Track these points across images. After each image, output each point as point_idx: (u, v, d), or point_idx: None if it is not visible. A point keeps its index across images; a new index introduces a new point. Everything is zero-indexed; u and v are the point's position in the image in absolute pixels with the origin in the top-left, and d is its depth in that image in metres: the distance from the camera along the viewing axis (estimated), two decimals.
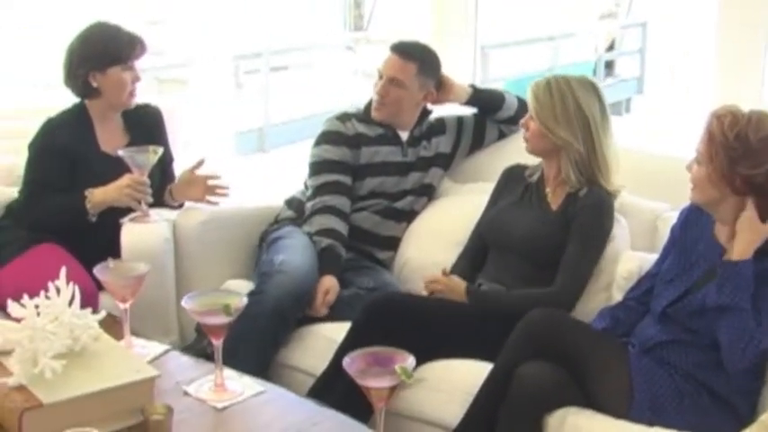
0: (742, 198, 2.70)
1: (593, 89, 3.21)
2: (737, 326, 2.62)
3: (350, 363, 2.16)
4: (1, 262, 3.34)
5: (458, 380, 2.96)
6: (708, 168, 2.71)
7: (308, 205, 3.61)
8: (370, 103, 3.75)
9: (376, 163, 3.67)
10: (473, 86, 3.82)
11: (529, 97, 3.22)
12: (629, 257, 3.14)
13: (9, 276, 3.26)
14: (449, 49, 4.52)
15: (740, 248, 2.70)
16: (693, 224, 2.89)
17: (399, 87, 3.65)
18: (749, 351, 2.61)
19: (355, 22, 14.51)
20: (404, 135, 3.74)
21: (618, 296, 3.07)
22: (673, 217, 3.05)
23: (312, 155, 3.69)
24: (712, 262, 2.77)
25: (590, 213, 3.17)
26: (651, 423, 2.65)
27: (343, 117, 3.73)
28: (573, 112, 3.16)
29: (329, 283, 3.38)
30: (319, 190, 3.60)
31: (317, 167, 3.65)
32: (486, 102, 3.79)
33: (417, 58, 3.67)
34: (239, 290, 3.13)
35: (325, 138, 3.68)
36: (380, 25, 13.81)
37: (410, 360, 2.17)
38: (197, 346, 3.21)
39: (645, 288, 2.97)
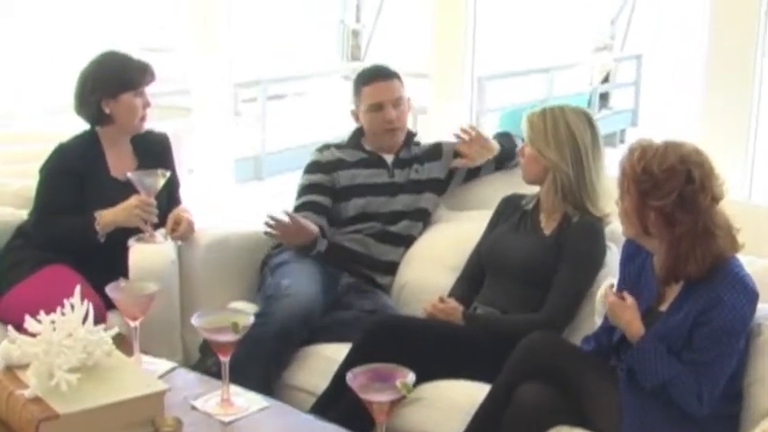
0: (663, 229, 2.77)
1: (586, 117, 3.34)
2: (680, 391, 2.71)
3: (353, 378, 2.26)
4: (12, 281, 3.45)
5: (456, 399, 3.06)
6: (626, 202, 2.81)
7: None
8: (356, 132, 3.91)
9: (357, 184, 3.81)
10: (500, 143, 3.87)
11: (524, 125, 3.35)
12: (608, 283, 3.15)
13: (20, 295, 3.37)
14: (447, 81, 4.64)
15: (630, 332, 2.81)
16: (633, 258, 2.97)
17: (402, 104, 3.82)
18: (706, 402, 2.71)
19: (353, 52, 14.64)
20: (388, 158, 3.87)
21: (599, 322, 3.12)
22: None
23: (297, 185, 3.88)
24: (648, 303, 2.86)
25: (581, 238, 3.29)
26: None
27: (322, 148, 3.92)
28: (564, 135, 3.29)
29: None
30: (297, 209, 3.75)
31: (298, 193, 3.84)
32: (505, 155, 3.86)
33: (394, 74, 3.85)
34: (248, 311, 3.20)
35: (306, 169, 3.88)
36: (377, 56, 13.93)
37: (410, 376, 2.27)
38: (201, 366, 3.31)
39: (608, 325, 3.01)
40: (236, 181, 5.90)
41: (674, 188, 2.71)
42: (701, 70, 3.91)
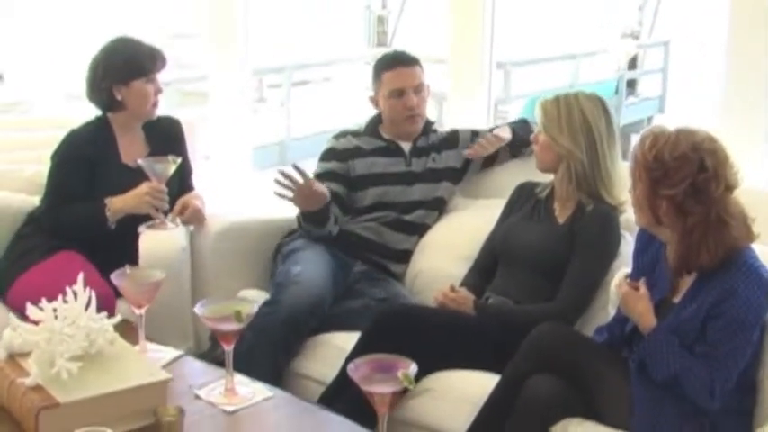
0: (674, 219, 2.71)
1: (601, 104, 3.29)
2: (692, 384, 2.65)
3: (354, 369, 2.23)
4: (22, 268, 3.44)
5: (464, 390, 3.01)
6: (638, 190, 2.75)
7: None
8: (374, 119, 3.87)
9: (375, 173, 3.76)
10: (516, 130, 3.82)
11: (537, 112, 3.30)
12: (622, 272, 3.09)
13: (30, 282, 3.35)
14: (465, 67, 4.58)
15: (642, 324, 2.76)
16: (647, 248, 2.91)
17: (423, 91, 3.78)
18: (718, 395, 2.64)
19: (379, 38, 14.59)
20: (406, 146, 3.83)
21: (613, 312, 3.05)
22: None
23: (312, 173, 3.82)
24: (662, 294, 2.81)
25: (595, 227, 3.23)
26: None
27: (339, 135, 3.87)
28: (578, 122, 3.24)
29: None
30: None
31: None
32: (521, 142, 3.79)
33: (415, 60, 3.80)
34: (254, 299, 3.16)
35: (321, 156, 3.84)
36: (403, 41, 13.87)
37: (412, 367, 2.23)
38: (211, 354, 3.29)
39: (621, 316, 2.95)
40: (261, 167, 5.87)
41: (686, 176, 2.65)
42: (722, 57, 3.82)
